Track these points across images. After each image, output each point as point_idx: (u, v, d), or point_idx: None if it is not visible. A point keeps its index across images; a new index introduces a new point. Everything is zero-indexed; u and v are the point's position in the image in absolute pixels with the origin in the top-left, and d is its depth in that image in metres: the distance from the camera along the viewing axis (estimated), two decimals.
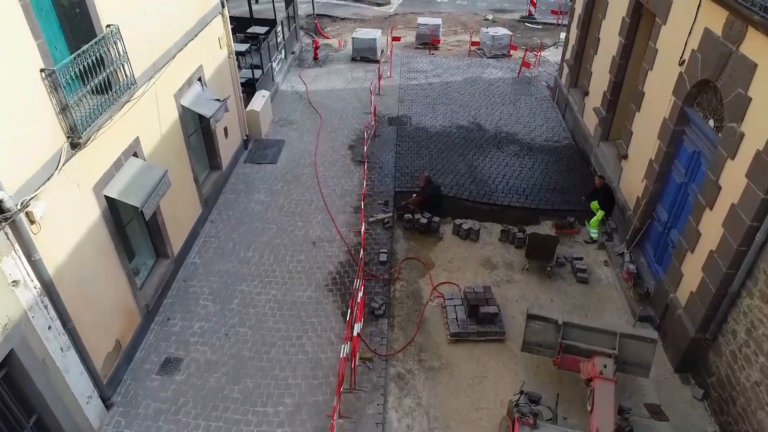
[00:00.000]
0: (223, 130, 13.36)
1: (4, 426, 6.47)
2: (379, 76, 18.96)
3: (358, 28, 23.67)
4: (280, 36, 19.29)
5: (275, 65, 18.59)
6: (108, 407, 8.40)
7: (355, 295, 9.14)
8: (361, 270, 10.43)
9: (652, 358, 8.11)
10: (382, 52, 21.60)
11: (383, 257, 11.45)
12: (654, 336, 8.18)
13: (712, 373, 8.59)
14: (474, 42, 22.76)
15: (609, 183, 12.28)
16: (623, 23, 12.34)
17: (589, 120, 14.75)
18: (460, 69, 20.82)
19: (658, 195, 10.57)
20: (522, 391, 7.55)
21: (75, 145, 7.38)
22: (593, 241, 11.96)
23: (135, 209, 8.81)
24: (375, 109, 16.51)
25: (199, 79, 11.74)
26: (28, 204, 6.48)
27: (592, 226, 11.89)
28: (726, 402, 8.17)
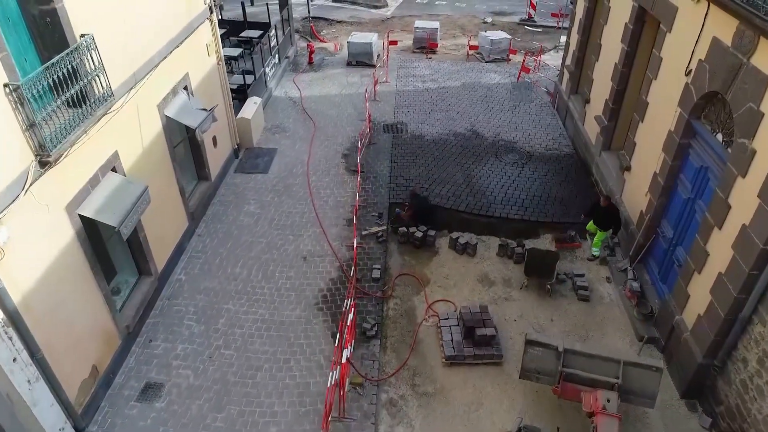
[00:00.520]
0: (212, 139, 12.91)
1: None
2: (375, 81, 18.52)
3: (354, 31, 23.23)
4: (274, 40, 18.85)
5: (269, 70, 18.14)
6: None
7: (345, 318, 8.70)
8: (353, 288, 10.00)
9: (657, 388, 7.66)
10: (378, 56, 21.16)
11: (376, 273, 11.00)
12: (660, 365, 7.72)
13: (720, 402, 8.14)
14: (472, 46, 22.31)
15: (615, 202, 11.49)
16: (626, 29, 11.88)
17: (591, 128, 14.30)
18: (458, 74, 20.37)
19: (662, 210, 10.13)
20: (520, 429, 7.09)
21: (44, 164, 6.94)
22: (594, 258, 11.49)
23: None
24: (369, 117, 16.06)
25: (186, 88, 11.30)
26: None
27: (594, 245, 11.34)
28: None
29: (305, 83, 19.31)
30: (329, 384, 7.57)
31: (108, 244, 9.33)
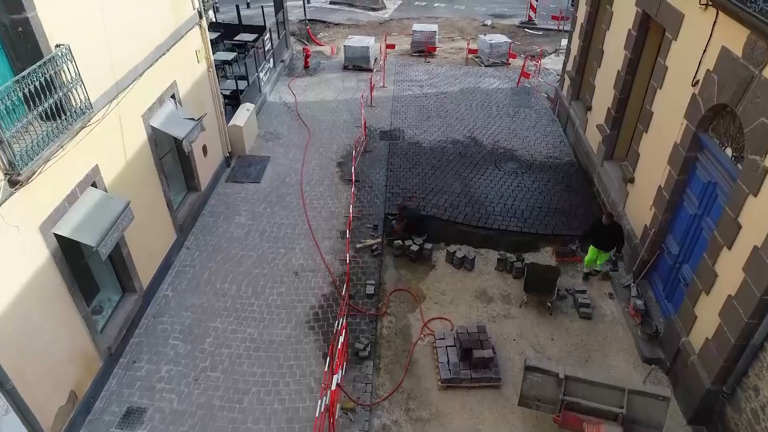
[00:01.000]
0: (202, 148, 12.50)
1: None
2: (371, 86, 18.12)
3: (351, 35, 22.82)
4: (269, 43, 18.44)
5: (263, 75, 17.73)
6: None
7: (336, 339, 8.30)
8: (345, 306, 9.60)
9: (664, 418, 7.26)
10: (375, 60, 20.76)
11: (370, 289, 10.60)
12: (667, 393, 7.32)
13: (730, 431, 7.74)
14: (471, 50, 21.91)
15: (617, 216, 11.00)
16: (629, 36, 11.48)
17: (592, 136, 13.89)
18: (456, 78, 19.97)
19: (667, 225, 9.72)
20: None
21: (14, 183, 6.54)
22: (597, 273, 11.08)
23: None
24: (365, 123, 15.66)
25: (173, 97, 10.90)
26: None
27: (598, 262, 10.82)
28: None
29: (300, 88, 18.91)
30: (317, 414, 7.17)
31: (90, 260, 8.94)
